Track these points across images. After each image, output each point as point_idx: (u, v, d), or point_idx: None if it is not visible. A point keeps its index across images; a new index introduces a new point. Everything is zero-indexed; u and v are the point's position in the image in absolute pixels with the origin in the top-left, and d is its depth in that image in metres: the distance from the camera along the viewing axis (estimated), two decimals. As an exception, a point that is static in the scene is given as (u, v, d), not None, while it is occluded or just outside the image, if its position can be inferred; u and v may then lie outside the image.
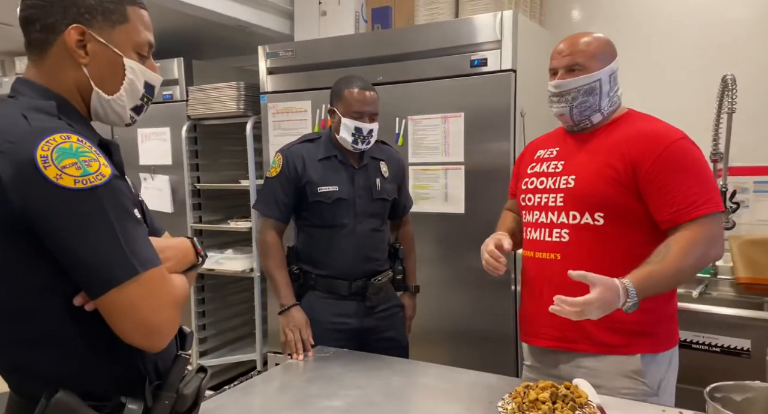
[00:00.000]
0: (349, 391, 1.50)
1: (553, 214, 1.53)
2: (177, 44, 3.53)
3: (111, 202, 0.83)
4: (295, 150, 1.96)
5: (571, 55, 1.49)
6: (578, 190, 1.49)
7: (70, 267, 0.83)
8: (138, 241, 0.86)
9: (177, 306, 0.91)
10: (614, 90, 1.53)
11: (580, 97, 1.48)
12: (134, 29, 0.98)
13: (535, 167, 1.63)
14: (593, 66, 1.47)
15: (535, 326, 1.61)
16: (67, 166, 0.80)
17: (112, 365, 0.92)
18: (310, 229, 1.97)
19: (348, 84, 1.92)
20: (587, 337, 1.50)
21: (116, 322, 0.85)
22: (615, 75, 1.52)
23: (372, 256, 1.98)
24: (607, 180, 1.45)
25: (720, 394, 1.03)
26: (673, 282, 1.40)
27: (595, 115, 1.52)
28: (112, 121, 1.01)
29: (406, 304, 2.15)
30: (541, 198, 1.57)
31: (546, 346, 1.59)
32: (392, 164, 2.07)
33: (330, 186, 1.91)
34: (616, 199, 1.44)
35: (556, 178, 1.55)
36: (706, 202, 1.37)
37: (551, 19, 2.94)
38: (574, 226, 1.49)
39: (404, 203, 2.17)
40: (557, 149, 1.61)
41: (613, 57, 1.52)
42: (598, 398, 1.32)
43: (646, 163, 1.41)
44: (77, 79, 0.94)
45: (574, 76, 1.48)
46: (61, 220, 0.81)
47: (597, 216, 1.46)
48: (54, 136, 0.82)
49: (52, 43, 0.93)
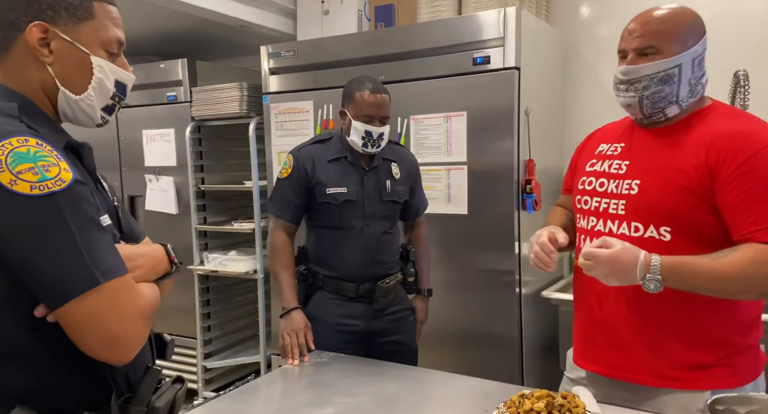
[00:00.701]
0: (342, 398, 1.46)
1: (613, 223, 1.32)
2: (181, 46, 3.54)
3: (71, 209, 0.80)
4: (306, 151, 1.94)
5: (642, 37, 1.24)
6: (642, 198, 1.28)
7: (26, 277, 0.80)
8: (101, 249, 0.82)
9: (144, 317, 0.88)
10: (698, 77, 1.27)
11: (653, 85, 1.24)
12: (101, 25, 0.93)
13: (596, 165, 1.41)
14: (671, 49, 1.22)
15: (586, 347, 1.45)
16: (23, 172, 0.77)
17: (78, 379, 0.88)
18: (319, 229, 1.96)
19: (360, 86, 1.88)
20: (647, 366, 1.31)
21: (77, 335, 0.82)
22: (701, 59, 1.26)
23: (380, 258, 1.95)
24: (677, 189, 1.23)
25: (722, 407, 0.97)
26: (714, 286, 1.18)
27: (670, 107, 1.27)
28: (81, 121, 0.97)
29: (417, 308, 2.10)
30: (600, 203, 1.36)
31: (595, 372, 1.40)
32: (404, 166, 2.03)
33: (339, 187, 1.89)
34: (687, 212, 1.23)
35: (618, 181, 1.33)
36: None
37: (559, 15, 2.87)
38: (636, 239, 1.27)
39: (417, 205, 2.12)
40: (622, 145, 1.38)
41: (700, 36, 1.26)
42: (599, 408, 1.27)
43: (728, 169, 1.18)
44: (42, 78, 0.91)
45: (647, 60, 1.24)
46: (16, 228, 0.77)
47: (663, 230, 1.25)
48: (10, 139, 0.78)
49: (13, 42, 0.89)
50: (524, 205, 2.34)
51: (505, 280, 2.36)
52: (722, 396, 0.98)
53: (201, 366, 3.21)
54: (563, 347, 2.35)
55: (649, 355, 1.30)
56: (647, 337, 1.30)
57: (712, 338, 1.26)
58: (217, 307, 3.33)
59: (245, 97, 2.97)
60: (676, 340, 1.28)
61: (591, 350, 1.42)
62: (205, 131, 3.22)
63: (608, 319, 1.36)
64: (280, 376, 1.71)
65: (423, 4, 2.67)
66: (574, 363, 1.49)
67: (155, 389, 0.96)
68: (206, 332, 3.26)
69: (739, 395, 0.99)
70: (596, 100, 2.80)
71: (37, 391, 0.85)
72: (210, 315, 3.30)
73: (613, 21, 2.75)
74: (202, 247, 3.23)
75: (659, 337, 1.29)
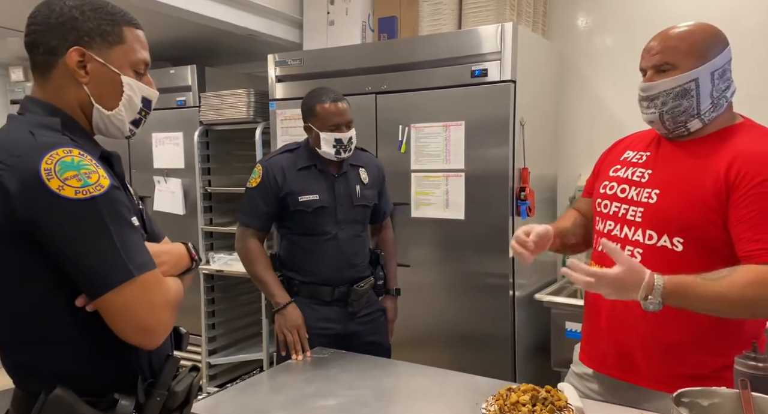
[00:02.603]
0: (344, 391, 1.56)
1: (630, 229, 1.35)
2: (190, 52, 3.63)
3: (109, 211, 0.91)
4: (275, 161, 2.00)
5: (661, 54, 1.27)
6: (659, 208, 1.31)
7: (71, 271, 0.91)
8: (134, 246, 0.93)
9: (171, 307, 0.98)
10: (721, 90, 1.28)
11: (671, 101, 1.27)
12: (130, 49, 1.05)
13: (620, 171, 1.43)
14: (687, 64, 1.25)
15: (588, 345, 1.51)
16: (69, 178, 0.88)
17: (109, 363, 0.99)
18: (293, 236, 2.02)
19: (318, 99, 1.95)
20: (647, 370, 1.35)
21: (114, 321, 0.93)
22: (722, 71, 1.28)
23: (354, 262, 2.03)
24: (693, 202, 1.25)
25: (687, 399, 1.07)
26: (714, 307, 1.20)
27: (692, 121, 1.30)
28: (112, 134, 1.08)
29: (387, 307, 2.18)
30: (619, 208, 1.39)
31: (596, 369, 1.46)
32: (371, 170, 2.11)
33: (310, 195, 1.95)
34: (701, 226, 1.25)
35: (639, 189, 1.36)
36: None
37: (555, 28, 2.98)
38: (649, 247, 1.31)
39: (384, 208, 2.20)
40: (648, 154, 1.40)
41: (720, 49, 1.28)
42: (581, 402, 1.36)
43: (745, 188, 1.19)
44: (79, 96, 1.02)
45: (665, 77, 1.27)
46: (62, 227, 0.88)
47: (676, 241, 1.27)
48: (57, 150, 0.89)
49: (54, 65, 1.00)
50: (518, 212, 2.44)
51: (500, 283, 2.46)
52: (687, 389, 1.08)
53: (205, 362, 3.31)
54: (555, 349, 2.45)
55: (649, 361, 1.35)
56: (649, 344, 1.35)
57: (711, 350, 1.30)
58: (221, 305, 3.44)
59: (252, 103, 3.08)
60: (676, 350, 1.33)
61: (596, 351, 1.48)
62: (213, 135, 3.33)
63: (614, 324, 1.41)
64: (283, 371, 1.81)
65: (424, 17, 2.78)
66: (579, 359, 1.56)
67: (174, 376, 1.07)
68: (211, 330, 3.36)
69: (703, 389, 1.08)
70: (591, 110, 2.91)
71: (74, 375, 0.96)
72: (215, 313, 3.40)
73: (607, 35, 2.86)
74: (208, 247, 3.34)
75: (661, 345, 1.34)
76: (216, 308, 3.41)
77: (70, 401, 0.91)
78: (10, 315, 0.96)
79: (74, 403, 0.91)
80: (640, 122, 1.43)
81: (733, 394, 1.07)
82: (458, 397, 1.52)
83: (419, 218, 2.59)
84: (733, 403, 1.05)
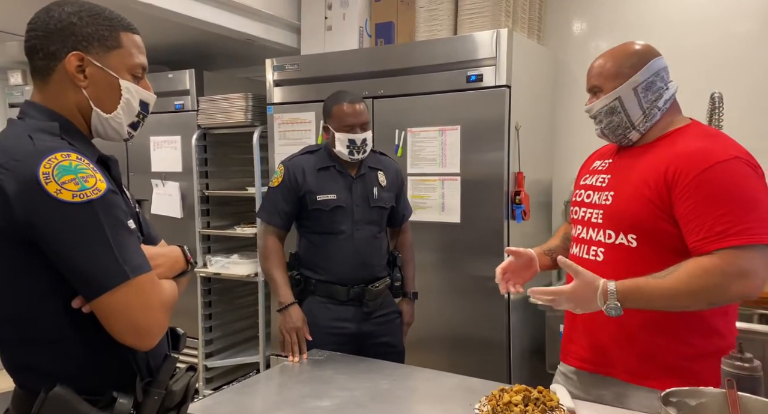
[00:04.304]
0: (339, 392, 1.58)
1: (593, 230, 1.48)
2: (189, 56, 3.66)
3: (105, 214, 0.92)
4: (296, 161, 2.06)
5: (592, 78, 1.47)
6: (614, 208, 1.42)
7: (67, 273, 0.92)
8: (130, 249, 0.95)
9: (165, 309, 1.00)
10: (651, 101, 1.41)
11: (605, 118, 1.44)
12: (128, 53, 1.07)
13: (587, 179, 1.56)
14: (609, 85, 1.41)
15: (567, 344, 1.59)
16: (67, 182, 0.89)
17: (107, 363, 1.00)
18: (311, 235, 2.06)
19: (336, 100, 2.01)
20: (620, 362, 1.44)
21: (109, 323, 0.94)
22: (647, 85, 1.40)
23: (370, 262, 2.06)
24: (641, 200, 1.36)
25: (675, 399, 1.09)
26: (669, 303, 1.28)
27: (630, 132, 1.44)
28: (111, 137, 1.10)
29: (403, 310, 2.22)
30: (585, 212, 1.51)
31: (575, 366, 1.56)
32: (390, 174, 2.15)
33: (328, 194, 2.01)
34: (650, 221, 1.34)
35: (600, 193, 1.48)
36: (741, 232, 1.21)
37: (550, 34, 3.01)
38: (608, 245, 1.43)
39: (403, 212, 2.25)
40: (610, 161, 1.53)
41: (641, 66, 1.40)
42: (572, 403, 1.39)
43: (681, 184, 1.29)
44: (78, 100, 1.04)
45: (596, 98, 1.46)
46: (60, 230, 0.90)
47: (630, 238, 1.38)
48: (55, 154, 0.91)
49: (54, 69, 1.02)
50: (513, 215, 2.46)
51: (495, 286, 2.43)
52: (675, 389, 1.10)
53: (202, 365, 3.32)
54: (549, 351, 2.47)
55: (622, 353, 1.43)
56: (621, 338, 1.43)
57: (674, 339, 1.37)
58: (218, 308, 3.45)
59: (250, 107, 3.10)
60: (644, 342, 1.40)
61: (574, 348, 1.57)
62: (211, 139, 3.35)
63: (588, 322, 1.49)
64: (279, 372, 1.83)
65: (421, 23, 2.81)
66: (561, 359, 1.64)
67: (172, 375, 1.08)
68: (208, 332, 3.38)
69: (690, 388, 1.10)
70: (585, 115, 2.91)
71: (73, 374, 0.97)
72: (212, 316, 3.42)
73: (601, 40, 2.89)
74: (205, 251, 3.34)
75: (630, 338, 1.42)
76: (213, 311, 3.42)
77: (69, 399, 0.93)
78: (10, 315, 0.97)
79: (73, 402, 0.93)
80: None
81: (720, 393, 1.09)
82: (452, 398, 1.54)
83: (415, 222, 2.59)
84: (720, 403, 1.08)
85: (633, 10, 2.80)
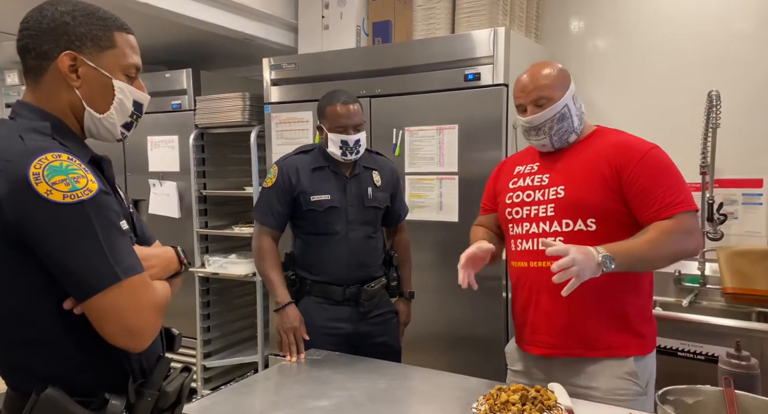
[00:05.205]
0: (337, 392, 1.58)
1: (545, 223, 1.60)
2: (186, 56, 3.65)
3: (96, 215, 0.91)
4: (290, 161, 2.05)
5: (535, 91, 1.58)
6: (569, 198, 1.57)
7: (58, 274, 0.91)
8: (121, 250, 0.94)
9: (158, 310, 0.99)
10: (579, 108, 1.64)
11: (555, 125, 1.59)
12: (122, 53, 1.06)
13: (518, 182, 1.71)
14: (557, 95, 1.58)
15: (533, 334, 1.66)
16: (57, 183, 0.88)
17: (99, 364, 1.00)
18: (305, 236, 2.06)
19: (329, 100, 2.00)
20: (584, 341, 1.57)
21: (101, 324, 0.93)
22: (575, 95, 1.63)
23: (365, 262, 2.06)
24: (596, 187, 1.54)
25: (672, 397, 1.09)
26: (647, 256, 1.45)
27: (571, 136, 1.63)
28: (104, 137, 1.09)
29: (400, 310, 2.22)
30: (530, 210, 1.64)
31: (543, 354, 1.64)
32: (385, 173, 2.15)
33: (322, 195, 2.00)
34: (607, 204, 1.53)
35: (543, 190, 1.63)
36: (682, 201, 1.49)
37: (548, 33, 3.00)
38: (567, 233, 1.57)
39: (398, 211, 2.24)
40: (537, 164, 1.69)
41: (570, 80, 1.64)
42: (569, 401, 1.39)
43: (628, 169, 1.52)
44: (70, 100, 1.03)
45: (544, 108, 1.58)
46: (50, 231, 0.89)
47: (590, 222, 1.54)
48: (46, 155, 0.90)
49: (46, 69, 1.01)
50: (511, 214, 2.46)
51: (493, 286, 2.47)
52: (672, 387, 1.10)
53: (200, 365, 3.32)
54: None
55: (579, 332, 1.57)
56: (575, 318, 1.57)
57: (626, 312, 1.56)
58: (216, 308, 3.45)
59: (247, 107, 3.09)
60: (598, 318, 1.56)
61: (532, 336, 1.66)
62: (208, 138, 3.35)
63: (543, 308, 1.61)
64: (277, 372, 1.83)
65: (418, 21, 2.80)
66: (519, 351, 1.72)
67: (166, 376, 1.08)
68: (206, 332, 3.37)
69: (688, 387, 1.11)
70: (583, 114, 2.93)
71: (65, 375, 0.97)
72: (210, 316, 3.41)
73: (598, 38, 2.89)
74: (203, 250, 3.34)
75: (585, 317, 1.56)
76: (211, 311, 3.41)
77: (61, 401, 0.92)
78: (1, 317, 0.96)
79: (65, 403, 0.92)
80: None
81: (717, 391, 1.09)
82: (450, 397, 1.54)
83: (413, 221, 2.60)
84: (718, 401, 1.08)
85: (630, 8, 2.80)
